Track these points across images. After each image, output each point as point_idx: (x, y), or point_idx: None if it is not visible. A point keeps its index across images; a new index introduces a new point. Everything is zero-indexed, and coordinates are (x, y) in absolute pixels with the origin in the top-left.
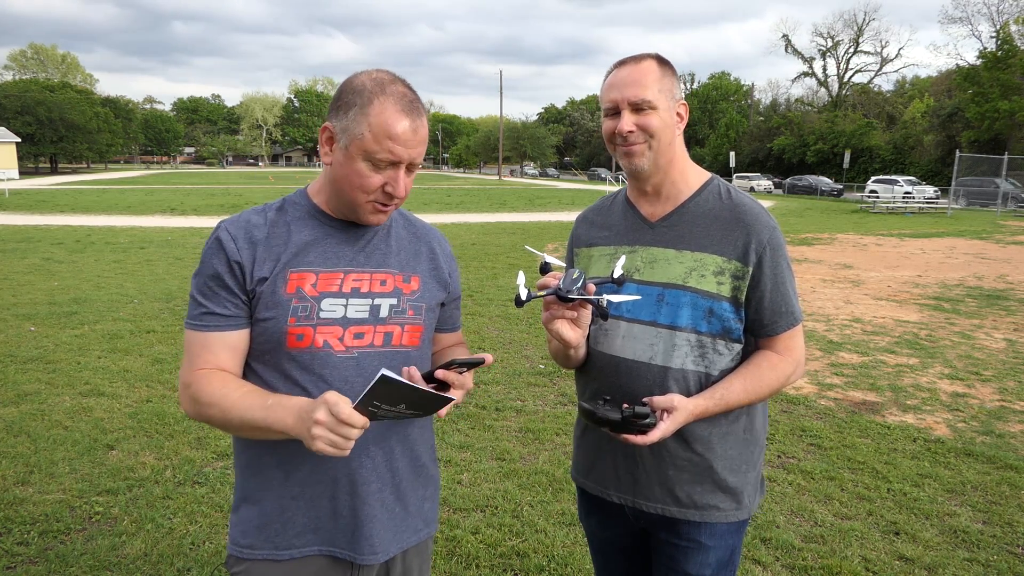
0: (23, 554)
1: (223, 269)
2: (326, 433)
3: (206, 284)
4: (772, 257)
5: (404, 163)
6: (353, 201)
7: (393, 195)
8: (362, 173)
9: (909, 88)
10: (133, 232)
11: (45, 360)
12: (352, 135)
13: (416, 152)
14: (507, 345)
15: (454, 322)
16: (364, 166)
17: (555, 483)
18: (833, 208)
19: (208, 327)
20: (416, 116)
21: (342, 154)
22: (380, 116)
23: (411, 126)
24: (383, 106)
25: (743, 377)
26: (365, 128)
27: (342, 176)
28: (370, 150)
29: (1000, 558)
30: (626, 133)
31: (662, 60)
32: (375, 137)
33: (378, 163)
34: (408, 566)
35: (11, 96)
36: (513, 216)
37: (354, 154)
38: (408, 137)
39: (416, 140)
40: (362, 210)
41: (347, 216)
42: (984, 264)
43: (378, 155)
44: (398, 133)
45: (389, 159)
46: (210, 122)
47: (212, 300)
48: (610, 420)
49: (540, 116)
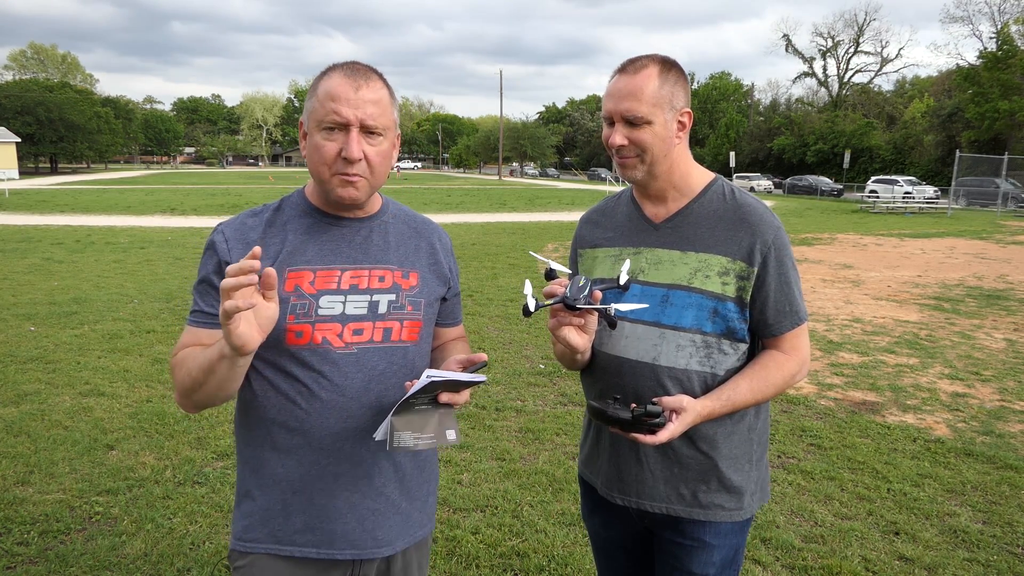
0: (23, 554)
1: (213, 270)
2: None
3: (200, 284)
4: (777, 257)
5: (352, 124)
6: (321, 178)
7: (348, 159)
8: (318, 145)
9: (909, 88)
10: (133, 232)
11: (45, 360)
12: (308, 113)
13: (364, 113)
14: (507, 345)
15: (455, 317)
16: (319, 137)
17: (555, 483)
18: (833, 208)
19: (199, 324)
20: (358, 77)
21: (308, 138)
22: (325, 83)
23: (352, 84)
24: (329, 77)
25: (749, 378)
26: (314, 101)
27: (309, 158)
28: (319, 118)
29: (1000, 558)
30: (617, 147)
31: (667, 65)
32: (320, 103)
33: (329, 128)
34: (408, 562)
35: (11, 96)
36: (513, 216)
37: (312, 130)
38: (349, 95)
39: (359, 99)
40: (329, 185)
41: (332, 207)
42: (984, 264)
43: (326, 119)
44: (339, 92)
45: (335, 120)
46: (210, 122)
47: (204, 299)
48: (620, 419)
49: (540, 116)
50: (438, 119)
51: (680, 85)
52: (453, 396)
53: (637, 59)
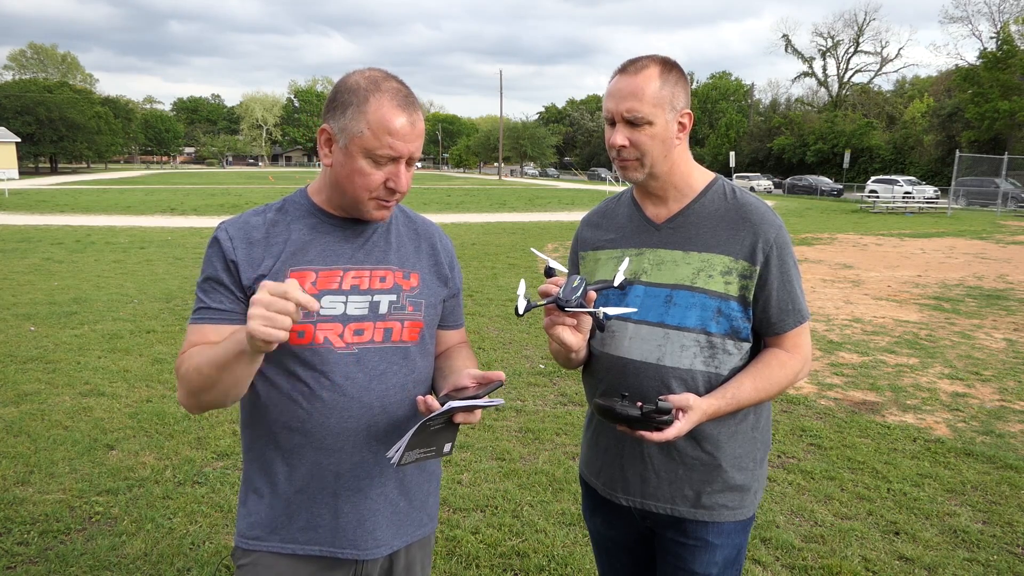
0: (23, 554)
1: (220, 267)
2: (260, 310)
3: (206, 282)
4: (779, 256)
5: (404, 158)
6: (356, 199)
7: (395, 190)
8: (364, 171)
9: (909, 88)
10: (133, 232)
11: (45, 360)
12: (351, 134)
13: (414, 146)
14: (507, 345)
15: (456, 319)
16: (365, 163)
17: (555, 483)
18: (833, 208)
19: (204, 320)
20: (412, 110)
21: (342, 154)
22: (377, 113)
23: (408, 120)
24: (379, 103)
25: (753, 376)
26: (364, 126)
27: (344, 175)
28: (370, 147)
29: (1000, 558)
30: (618, 147)
31: (667, 65)
32: (374, 134)
33: (379, 159)
34: (411, 561)
35: (11, 96)
36: (513, 216)
37: (354, 152)
38: (407, 131)
39: (414, 134)
40: (365, 207)
41: (350, 214)
42: (984, 264)
43: (378, 151)
44: (396, 128)
45: (389, 155)
46: (210, 122)
47: (210, 296)
48: (629, 417)
49: (540, 116)
50: (438, 119)
51: (680, 86)
52: (467, 416)
53: (638, 59)
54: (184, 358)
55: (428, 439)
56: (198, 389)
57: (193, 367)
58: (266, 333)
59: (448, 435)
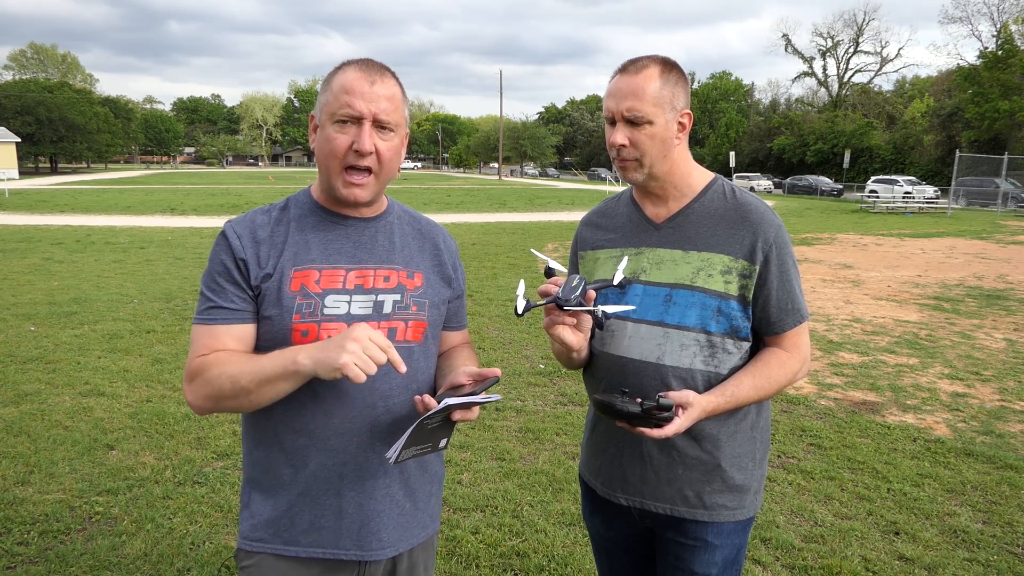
0: (23, 554)
1: (231, 265)
2: (359, 351)
3: (214, 280)
4: (779, 255)
5: (366, 118)
6: (329, 173)
7: (360, 151)
8: (330, 137)
9: (909, 88)
10: (133, 232)
11: (45, 360)
12: (321, 105)
13: (377, 107)
14: (507, 345)
15: (460, 320)
16: (331, 129)
17: (555, 483)
18: (833, 208)
19: (215, 320)
20: (373, 72)
21: (319, 131)
22: (340, 77)
23: (367, 78)
24: (344, 71)
25: (752, 374)
26: (328, 94)
27: (319, 150)
28: (332, 110)
29: (1000, 558)
30: (618, 146)
31: (667, 65)
32: (335, 96)
33: (341, 120)
34: (414, 562)
35: (11, 96)
36: (513, 216)
37: (325, 122)
38: (364, 89)
39: (373, 93)
40: (337, 180)
41: (338, 206)
42: (984, 264)
43: (340, 112)
44: (353, 86)
45: (349, 113)
46: (210, 122)
47: (220, 295)
48: (629, 413)
49: (540, 116)
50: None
51: (680, 86)
52: (465, 414)
53: (638, 59)
54: (207, 362)
55: (425, 436)
56: (227, 396)
57: (227, 376)
58: (355, 373)
59: (445, 431)
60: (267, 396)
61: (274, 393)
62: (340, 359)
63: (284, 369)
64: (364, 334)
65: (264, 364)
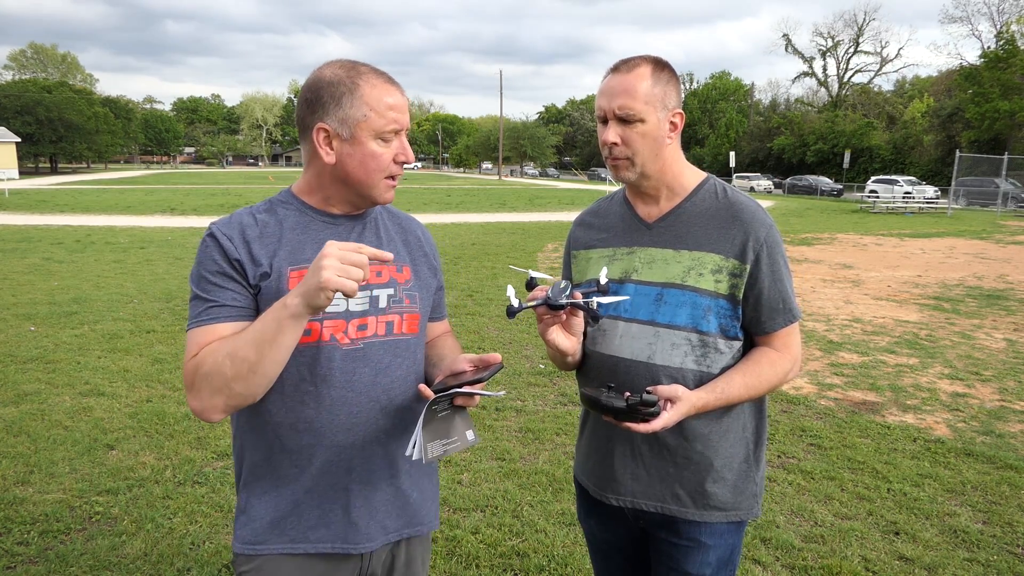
0: (23, 554)
1: (226, 265)
2: (336, 263)
3: (208, 280)
4: (770, 255)
5: (404, 129)
6: (370, 184)
7: (406, 161)
8: (375, 152)
9: (909, 88)
10: (133, 232)
11: (45, 360)
12: (355, 120)
13: (408, 118)
14: (507, 345)
15: (441, 310)
16: (375, 145)
17: (555, 483)
18: (833, 208)
19: (217, 319)
20: (397, 84)
21: (348, 145)
22: (373, 93)
23: (401, 93)
24: (370, 84)
25: (743, 373)
26: (365, 109)
27: (356, 164)
28: (377, 127)
29: (1000, 558)
30: (610, 144)
31: (659, 65)
32: (378, 113)
33: (387, 136)
34: (411, 556)
35: (11, 96)
36: (513, 216)
37: (363, 138)
38: (403, 104)
39: (407, 105)
40: (378, 190)
41: (351, 209)
42: (984, 264)
43: (386, 128)
44: (395, 103)
45: (395, 128)
46: (210, 122)
47: (219, 294)
48: (614, 407)
49: (540, 116)
50: (438, 119)
51: (672, 85)
52: (466, 400)
53: (630, 59)
54: (202, 357)
55: (441, 428)
56: (232, 378)
57: (225, 354)
58: (341, 283)
59: (463, 423)
60: (273, 360)
61: (278, 354)
62: (321, 277)
63: (277, 320)
64: (333, 249)
65: (256, 327)
